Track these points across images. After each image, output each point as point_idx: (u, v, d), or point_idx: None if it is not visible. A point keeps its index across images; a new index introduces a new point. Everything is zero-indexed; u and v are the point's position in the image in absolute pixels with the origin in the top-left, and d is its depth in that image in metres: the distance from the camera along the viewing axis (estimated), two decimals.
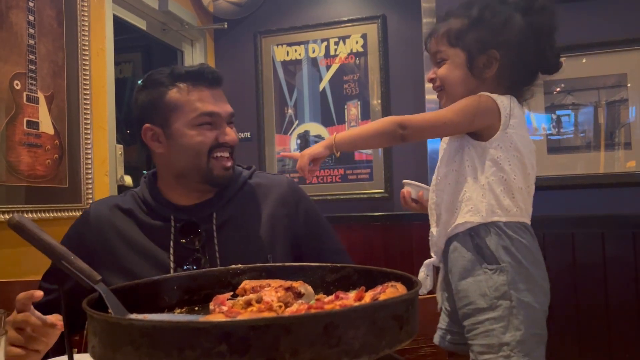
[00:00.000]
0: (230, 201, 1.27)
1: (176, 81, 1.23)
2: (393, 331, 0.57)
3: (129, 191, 1.32)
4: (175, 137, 1.22)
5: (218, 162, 1.23)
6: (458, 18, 1.16)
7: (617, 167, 2.13)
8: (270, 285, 0.73)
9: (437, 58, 1.18)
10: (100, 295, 0.69)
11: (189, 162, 1.22)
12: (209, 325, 0.50)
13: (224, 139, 1.23)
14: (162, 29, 2.92)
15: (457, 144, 1.14)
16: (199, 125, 1.21)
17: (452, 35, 1.15)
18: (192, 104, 1.21)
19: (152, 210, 1.25)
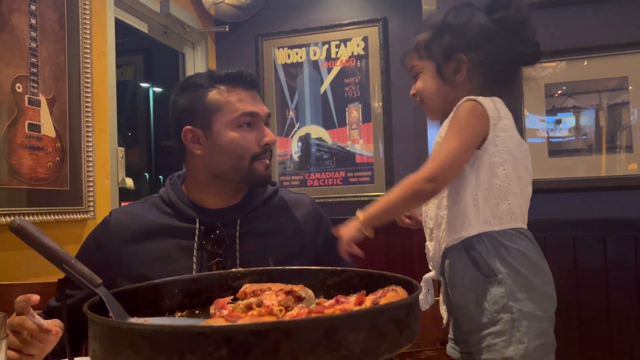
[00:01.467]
0: (255, 211, 1.29)
1: (216, 83, 1.25)
2: (393, 335, 0.57)
3: (149, 198, 1.33)
4: (216, 138, 1.24)
5: (260, 161, 1.25)
6: (424, 30, 1.18)
7: (618, 170, 2.13)
8: (270, 289, 0.74)
9: (413, 73, 1.21)
10: (101, 299, 0.69)
11: (230, 163, 1.24)
12: (209, 330, 0.50)
13: (265, 140, 1.26)
14: (163, 32, 2.93)
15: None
16: (240, 126, 1.23)
17: (420, 48, 1.18)
18: (232, 105, 1.24)
19: (176, 211, 1.26)
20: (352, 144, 3.11)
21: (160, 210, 1.27)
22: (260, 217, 1.28)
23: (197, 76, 1.29)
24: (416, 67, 1.19)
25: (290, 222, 1.31)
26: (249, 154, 1.24)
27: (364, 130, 3.09)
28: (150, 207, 1.28)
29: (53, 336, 0.93)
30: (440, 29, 1.16)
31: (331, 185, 3.13)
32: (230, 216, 1.25)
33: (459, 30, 1.15)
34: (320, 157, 3.16)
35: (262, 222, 1.28)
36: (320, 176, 3.15)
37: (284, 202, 1.34)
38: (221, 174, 1.26)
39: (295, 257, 1.23)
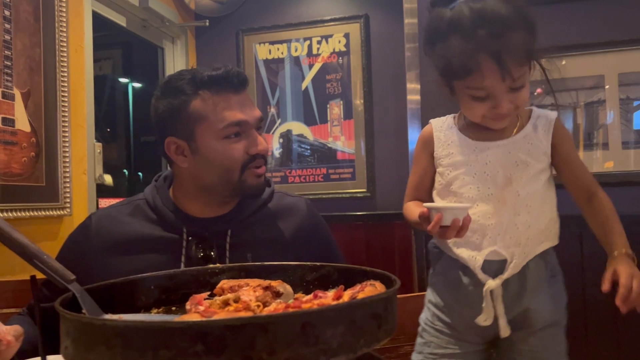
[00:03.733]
0: (246, 220, 1.19)
1: (199, 88, 1.12)
2: (371, 330, 0.56)
3: (133, 200, 1.22)
4: (202, 150, 1.13)
5: (251, 171, 1.15)
6: (520, 29, 1.02)
7: (595, 167, 2.17)
8: (248, 284, 0.73)
9: (520, 82, 1.04)
10: (74, 296, 0.67)
11: (218, 176, 1.14)
12: (184, 325, 0.49)
13: (256, 149, 1.14)
14: (142, 26, 2.89)
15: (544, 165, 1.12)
16: (227, 138, 1.12)
17: (523, 53, 1.03)
18: (218, 114, 1.11)
19: (162, 219, 1.16)
20: (334, 140, 3.11)
21: (145, 217, 1.17)
22: (252, 226, 1.19)
23: (179, 78, 1.15)
24: (523, 75, 1.04)
25: (284, 231, 1.22)
26: (238, 165, 1.13)
27: (346, 127, 3.09)
28: (134, 212, 1.18)
29: (4, 346, 0.85)
30: (527, 22, 1.03)
31: (312, 182, 3.13)
32: (220, 226, 1.16)
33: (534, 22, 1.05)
34: (301, 154, 3.15)
35: (255, 231, 1.19)
36: (302, 173, 3.14)
37: (278, 209, 1.24)
38: (209, 188, 1.16)
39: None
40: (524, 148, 1.11)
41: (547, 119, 1.13)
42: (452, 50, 1.02)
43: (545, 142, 1.12)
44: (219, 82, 1.13)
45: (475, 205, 1.10)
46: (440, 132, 1.18)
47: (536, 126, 1.12)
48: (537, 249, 1.11)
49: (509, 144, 1.11)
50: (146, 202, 1.19)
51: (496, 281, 1.08)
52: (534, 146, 1.11)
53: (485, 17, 1.00)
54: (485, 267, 1.10)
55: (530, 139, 1.12)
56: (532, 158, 1.11)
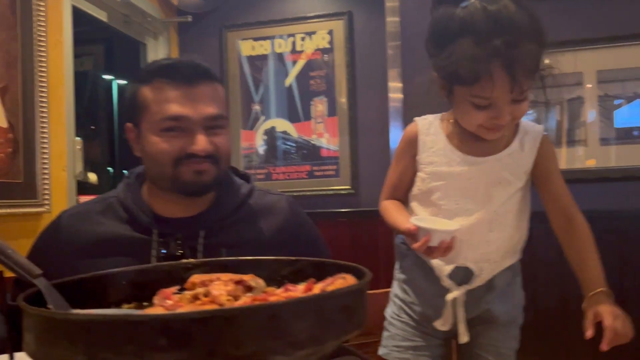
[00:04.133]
0: (223, 221, 1.13)
1: (153, 77, 1.08)
2: (340, 322, 0.56)
3: (106, 198, 1.17)
4: (143, 141, 1.09)
5: (188, 166, 1.06)
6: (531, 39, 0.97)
7: (575, 163, 2.19)
8: (220, 279, 0.72)
9: (522, 97, 1.00)
10: (41, 291, 0.66)
11: (154, 169, 1.10)
12: (148, 319, 0.48)
13: (192, 148, 1.05)
14: (124, 21, 2.86)
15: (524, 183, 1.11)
16: (164, 131, 1.06)
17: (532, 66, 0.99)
18: (158, 105, 1.06)
19: (133, 221, 1.11)
20: (318, 137, 3.11)
21: (116, 216, 1.13)
22: (228, 227, 1.13)
23: (147, 66, 1.13)
24: (529, 88, 1.00)
25: (264, 233, 1.15)
26: (170, 159, 1.06)
27: (329, 124, 3.09)
28: (106, 211, 1.14)
29: None
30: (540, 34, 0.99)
31: (296, 179, 3.12)
32: (193, 227, 1.10)
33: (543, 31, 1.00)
34: (285, 151, 3.15)
35: (231, 233, 1.13)
36: (286, 170, 3.14)
37: (257, 209, 1.17)
38: (153, 181, 1.13)
39: None
40: (508, 166, 1.08)
41: (533, 135, 1.09)
42: (461, 54, 0.96)
43: (528, 160, 1.09)
44: (168, 72, 1.07)
45: (453, 219, 1.08)
46: (427, 136, 1.13)
47: (523, 143, 1.09)
48: (505, 263, 1.11)
49: (494, 162, 1.08)
50: (118, 200, 1.14)
51: (460, 290, 1.10)
52: (518, 165, 1.09)
53: (502, 22, 0.94)
54: (452, 274, 1.11)
55: (515, 157, 1.08)
56: (515, 177, 1.08)
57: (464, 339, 1.09)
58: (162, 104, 1.06)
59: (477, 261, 1.09)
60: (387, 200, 1.18)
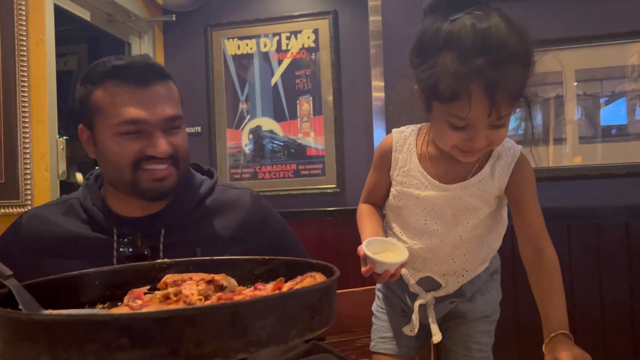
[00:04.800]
0: (183, 218, 1.12)
1: (104, 78, 1.05)
2: (304, 320, 0.57)
3: (67, 198, 1.18)
4: (99, 144, 1.08)
5: (146, 173, 1.06)
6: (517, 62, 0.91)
7: (554, 161, 2.21)
8: (192, 278, 0.73)
9: (503, 121, 0.94)
10: (11, 292, 0.66)
11: (113, 174, 1.09)
12: (109, 318, 0.49)
13: (152, 151, 1.05)
14: (108, 20, 2.84)
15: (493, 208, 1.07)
16: (122, 134, 1.04)
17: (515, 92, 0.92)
18: (114, 108, 1.03)
19: (93, 221, 1.11)
20: (304, 136, 3.11)
21: (76, 217, 1.12)
22: (189, 224, 1.12)
23: (96, 66, 1.08)
24: (509, 115, 0.94)
25: (225, 228, 1.14)
26: (128, 162, 1.05)
27: (315, 123, 3.10)
28: (67, 212, 1.14)
29: None
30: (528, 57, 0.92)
31: (283, 178, 3.12)
32: (152, 226, 1.10)
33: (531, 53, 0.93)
34: (271, 150, 3.15)
35: (192, 230, 1.12)
36: (272, 169, 3.14)
37: (218, 204, 1.17)
38: (111, 184, 1.12)
39: None
40: (475, 194, 1.04)
41: (507, 160, 1.04)
42: (443, 69, 0.91)
43: (499, 185, 1.04)
44: (121, 74, 1.04)
45: (420, 236, 1.09)
46: (400, 153, 1.10)
47: (494, 169, 1.04)
48: (472, 274, 1.11)
49: (461, 189, 1.04)
50: (78, 201, 1.14)
51: (427, 297, 1.11)
52: (486, 192, 1.04)
53: (490, 41, 0.88)
54: (421, 282, 1.13)
55: (484, 185, 1.04)
56: (482, 203, 1.05)
57: (437, 338, 1.10)
58: (118, 107, 1.04)
59: (442, 274, 1.10)
60: (364, 204, 1.18)
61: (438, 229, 1.06)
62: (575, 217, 2.10)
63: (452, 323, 1.14)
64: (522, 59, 0.91)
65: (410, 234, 1.10)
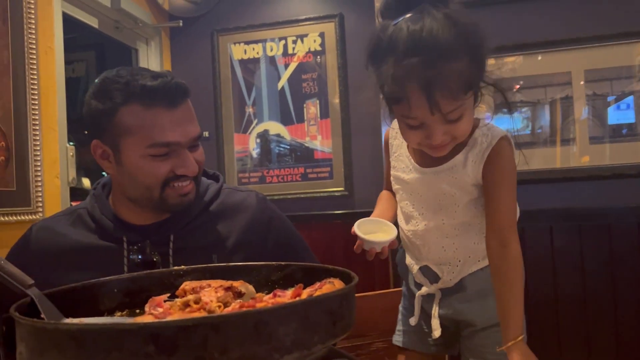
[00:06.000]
0: (190, 223, 1.14)
1: (131, 99, 1.03)
2: (326, 326, 0.57)
3: (75, 209, 1.19)
4: (126, 165, 1.07)
5: (174, 190, 1.08)
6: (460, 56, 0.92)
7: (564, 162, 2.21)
8: (210, 285, 0.73)
9: (456, 115, 0.94)
10: (33, 301, 0.67)
11: (141, 193, 1.09)
12: (135, 327, 0.49)
13: (183, 170, 1.07)
14: (115, 27, 2.86)
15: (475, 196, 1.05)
16: (154, 156, 1.05)
17: (458, 86, 0.92)
18: (146, 131, 1.03)
19: (102, 230, 1.12)
20: (311, 140, 3.12)
21: (85, 227, 1.13)
22: (197, 229, 1.14)
23: (113, 81, 1.06)
24: (463, 105, 0.94)
25: (232, 231, 1.15)
26: (159, 182, 1.06)
27: (322, 126, 3.10)
28: (75, 222, 1.14)
29: None
30: (475, 47, 0.93)
31: (290, 181, 3.13)
32: (161, 233, 1.12)
33: (481, 40, 0.94)
34: (279, 154, 3.16)
35: (200, 234, 1.13)
36: (280, 173, 3.15)
37: (225, 207, 1.18)
38: (134, 200, 1.12)
39: None
40: (447, 179, 1.04)
41: (481, 148, 1.02)
42: (385, 74, 0.93)
43: (473, 174, 1.03)
44: (152, 96, 1.04)
45: (409, 221, 1.12)
46: (394, 139, 1.15)
47: (467, 157, 1.03)
48: (470, 268, 1.09)
49: (433, 174, 1.05)
50: (86, 211, 1.15)
51: (430, 288, 1.12)
52: (457, 179, 1.04)
53: (421, 41, 0.90)
54: (425, 271, 1.13)
55: (455, 172, 1.04)
56: (458, 189, 1.04)
57: (436, 334, 1.11)
58: (150, 129, 1.04)
59: (437, 263, 1.11)
60: (383, 190, 1.24)
61: (422, 213, 1.09)
62: (586, 218, 2.09)
63: (466, 332, 1.13)
64: (459, 53, 0.91)
65: (403, 219, 1.14)
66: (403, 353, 1.18)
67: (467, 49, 0.92)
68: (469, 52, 0.92)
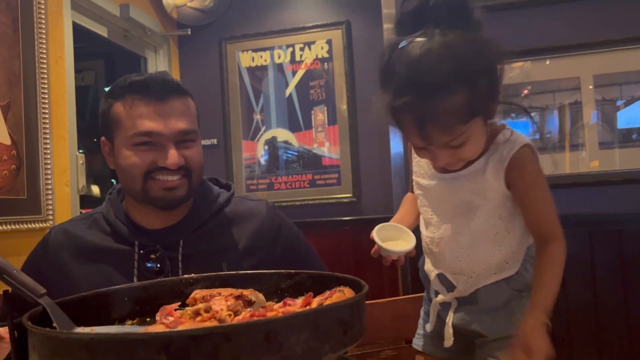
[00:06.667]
0: (200, 229, 1.17)
1: (125, 93, 1.12)
2: (337, 335, 0.57)
3: (91, 214, 1.23)
4: (116, 155, 1.14)
5: (157, 183, 1.11)
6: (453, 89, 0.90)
7: (574, 167, 2.20)
8: (220, 294, 0.73)
9: (456, 143, 0.95)
10: (45, 310, 0.67)
11: (126, 183, 1.14)
12: (147, 336, 0.49)
13: (163, 162, 1.10)
14: (124, 36, 2.89)
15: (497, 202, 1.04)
16: (137, 145, 1.10)
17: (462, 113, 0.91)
18: (131, 121, 1.10)
19: (116, 234, 1.16)
20: (319, 146, 3.12)
21: (99, 229, 1.18)
22: (206, 234, 1.17)
23: (119, 82, 1.16)
24: (464, 134, 0.94)
25: (241, 238, 1.18)
26: (140, 172, 1.10)
27: (330, 133, 3.11)
28: (90, 226, 1.20)
29: (6, 343, 0.89)
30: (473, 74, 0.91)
31: (298, 188, 3.14)
32: (171, 237, 1.15)
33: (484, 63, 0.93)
34: (287, 160, 3.16)
35: (209, 241, 1.16)
36: (288, 179, 3.15)
37: (235, 215, 1.21)
38: (129, 194, 1.17)
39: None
40: (466, 186, 1.03)
41: (501, 156, 1.01)
42: (385, 100, 0.95)
43: (494, 181, 1.01)
44: (140, 88, 1.11)
45: (427, 227, 1.12)
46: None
47: (487, 165, 1.02)
48: (485, 280, 1.08)
49: (452, 180, 1.04)
50: (102, 215, 1.20)
51: (446, 297, 1.11)
52: (477, 185, 1.02)
53: (415, 76, 0.91)
54: (441, 279, 1.13)
55: (474, 178, 1.02)
56: (476, 196, 1.03)
57: (447, 343, 1.10)
58: (135, 119, 1.10)
59: (452, 272, 1.10)
60: (408, 193, 1.24)
61: (440, 220, 1.09)
62: (597, 223, 2.08)
63: (479, 342, 1.12)
64: (454, 88, 0.90)
65: (423, 224, 1.15)
66: (422, 355, 1.19)
67: (466, 80, 0.90)
68: (469, 83, 0.91)
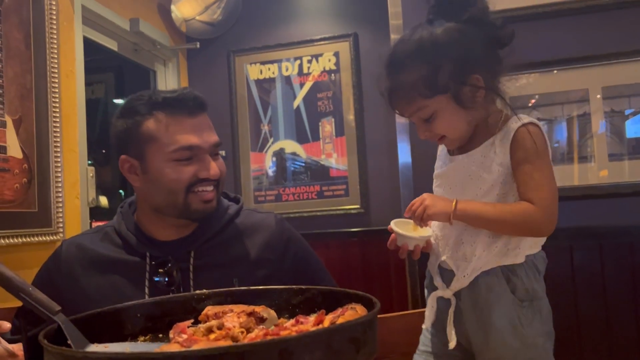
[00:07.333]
0: (210, 240, 1.19)
1: (154, 109, 1.13)
2: (350, 354, 0.57)
3: (102, 228, 1.25)
4: (152, 171, 1.14)
5: (197, 196, 1.14)
6: (409, 65, 1.07)
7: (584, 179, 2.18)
8: (232, 310, 0.74)
9: (423, 115, 1.08)
10: (59, 327, 0.68)
11: (165, 198, 1.14)
12: (161, 356, 0.50)
13: (206, 174, 1.13)
14: (134, 50, 2.92)
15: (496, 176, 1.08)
16: (178, 160, 1.12)
17: (423, 86, 1.06)
18: (169, 137, 1.12)
19: (127, 245, 1.18)
20: (326, 158, 3.13)
21: (111, 242, 1.20)
22: (216, 247, 1.18)
23: (137, 99, 1.17)
24: (427, 107, 1.07)
25: (250, 250, 1.20)
26: (182, 187, 1.12)
27: (338, 144, 3.12)
28: (102, 239, 1.21)
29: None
30: (436, 57, 1.05)
31: (306, 199, 3.14)
32: (182, 249, 1.16)
33: (455, 50, 1.06)
34: (294, 172, 3.17)
35: (219, 252, 1.18)
36: (295, 191, 3.16)
37: (244, 227, 1.23)
38: (158, 209, 1.17)
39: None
40: (477, 161, 1.10)
41: (504, 134, 1.08)
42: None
43: (501, 154, 1.08)
44: (173, 105, 1.14)
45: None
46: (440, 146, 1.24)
47: (495, 139, 1.09)
48: (485, 266, 1.08)
49: (466, 158, 1.12)
50: (113, 229, 1.22)
51: (445, 292, 1.12)
52: (487, 158, 1.09)
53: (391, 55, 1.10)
54: (444, 275, 1.14)
55: (485, 152, 1.10)
56: (484, 170, 1.09)
57: (451, 345, 1.10)
58: (172, 135, 1.12)
59: (454, 259, 1.11)
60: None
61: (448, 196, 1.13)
62: (607, 236, 2.06)
63: (477, 349, 1.12)
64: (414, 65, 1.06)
65: None
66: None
67: (429, 62, 1.05)
68: (431, 64, 1.05)
